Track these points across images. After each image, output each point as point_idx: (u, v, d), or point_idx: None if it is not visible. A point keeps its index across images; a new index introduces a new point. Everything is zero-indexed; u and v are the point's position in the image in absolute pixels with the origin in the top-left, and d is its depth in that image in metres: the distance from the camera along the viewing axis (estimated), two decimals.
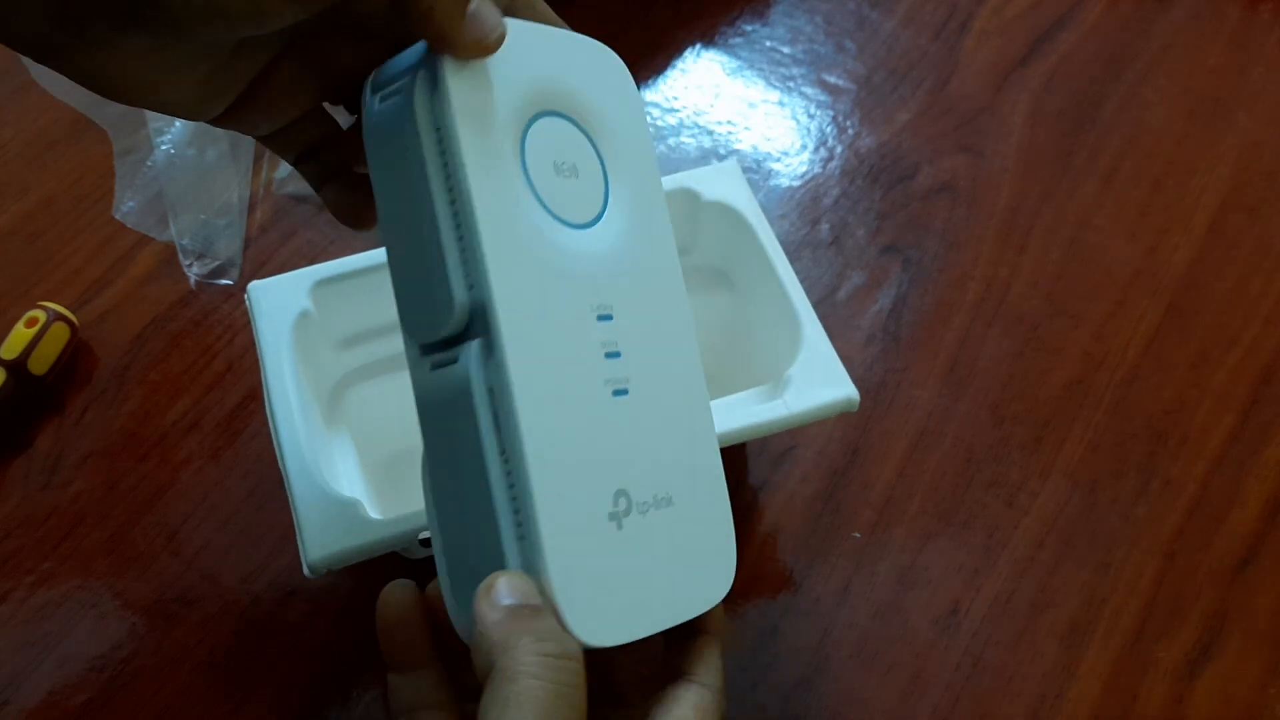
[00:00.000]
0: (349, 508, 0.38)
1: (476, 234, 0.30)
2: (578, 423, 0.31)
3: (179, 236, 0.55)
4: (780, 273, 0.44)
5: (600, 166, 0.33)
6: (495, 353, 0.30)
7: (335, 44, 0.32)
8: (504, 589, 0.29)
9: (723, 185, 0.47)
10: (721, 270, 0.48)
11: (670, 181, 0.47)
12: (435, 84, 0.30)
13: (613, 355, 0.32)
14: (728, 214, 0.46)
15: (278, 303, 0.43)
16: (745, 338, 0.47)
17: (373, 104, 0.31)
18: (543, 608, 0.29)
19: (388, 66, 0.31)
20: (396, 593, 0.33)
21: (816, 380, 0.41)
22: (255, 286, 0.44)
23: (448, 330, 0.30)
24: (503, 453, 0.30)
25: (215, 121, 0.32)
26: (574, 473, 0.30)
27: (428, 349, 0.31)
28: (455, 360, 0.30)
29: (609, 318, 0.32)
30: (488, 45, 0.30)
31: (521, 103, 0.32)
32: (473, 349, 0.30)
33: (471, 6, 0.30)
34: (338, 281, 0.44)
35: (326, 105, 0.34)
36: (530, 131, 0.32)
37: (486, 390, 0.30)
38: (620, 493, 0.31)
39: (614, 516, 0.31)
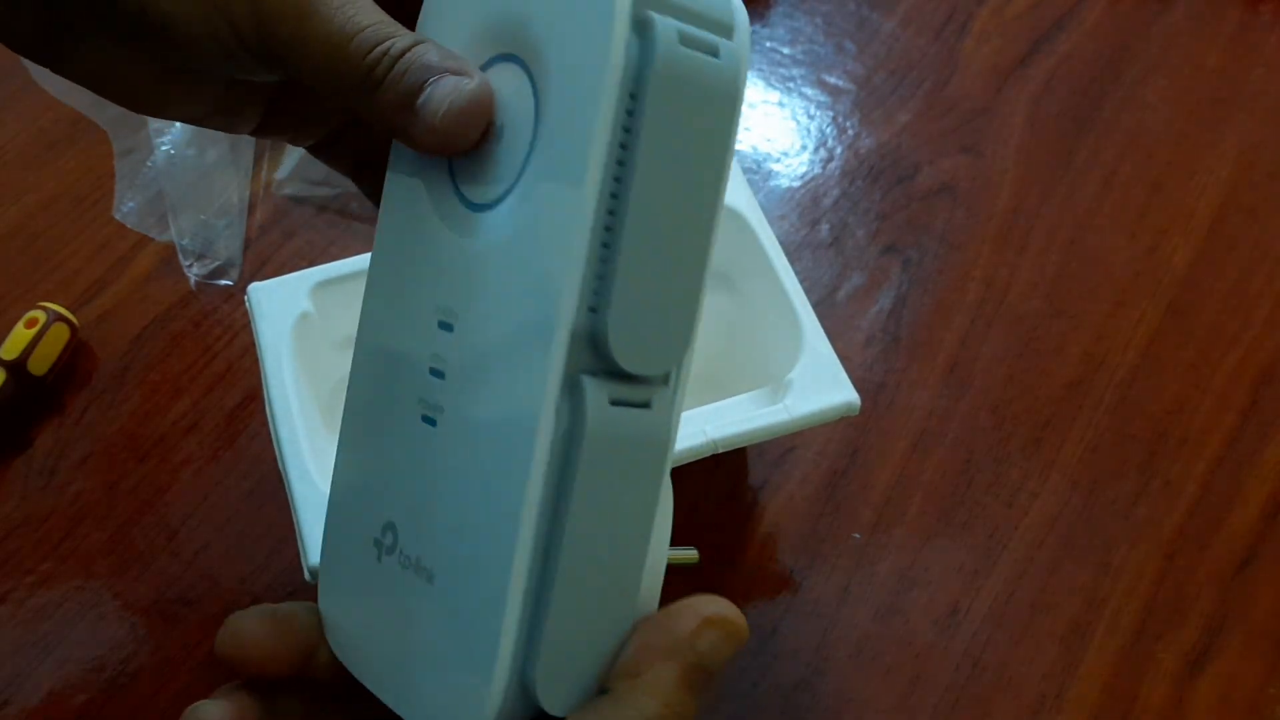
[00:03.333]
0: None
1: None
2: (369, 430, 0.28)
3: (179, 237, 0.55)
4: (781, 275, 0.44)
5: (531, 135, 0.25)
6: None
7: None
8: None
9: None
10: (722, 272, 0.48)
11: None
12: None
13: (436, 374, 0.26)
14: (728, 216, 0.46)
15: (278, 304, 0.43)
16: (745, 340, 0.47)
17: None
18: None
19: None
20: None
21: (817, 385, 0.41)
22: (255, 288, 0.44)
23: None
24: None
25: (253, 133, 0.30)
26: (356, 478, 0.28)
27: None
28: None
29: (449, 327, 0.26)
30: (457, 140, 0.26)
31: (476, 38, 0.26)
32: None
33: (421, 97, 0.25)
34: (338, 283, 0.44)
35: None
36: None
37: None
38: (389, 525, 0.27)
39: (379, 545, 0.27)
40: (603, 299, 0.24)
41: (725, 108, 0.25)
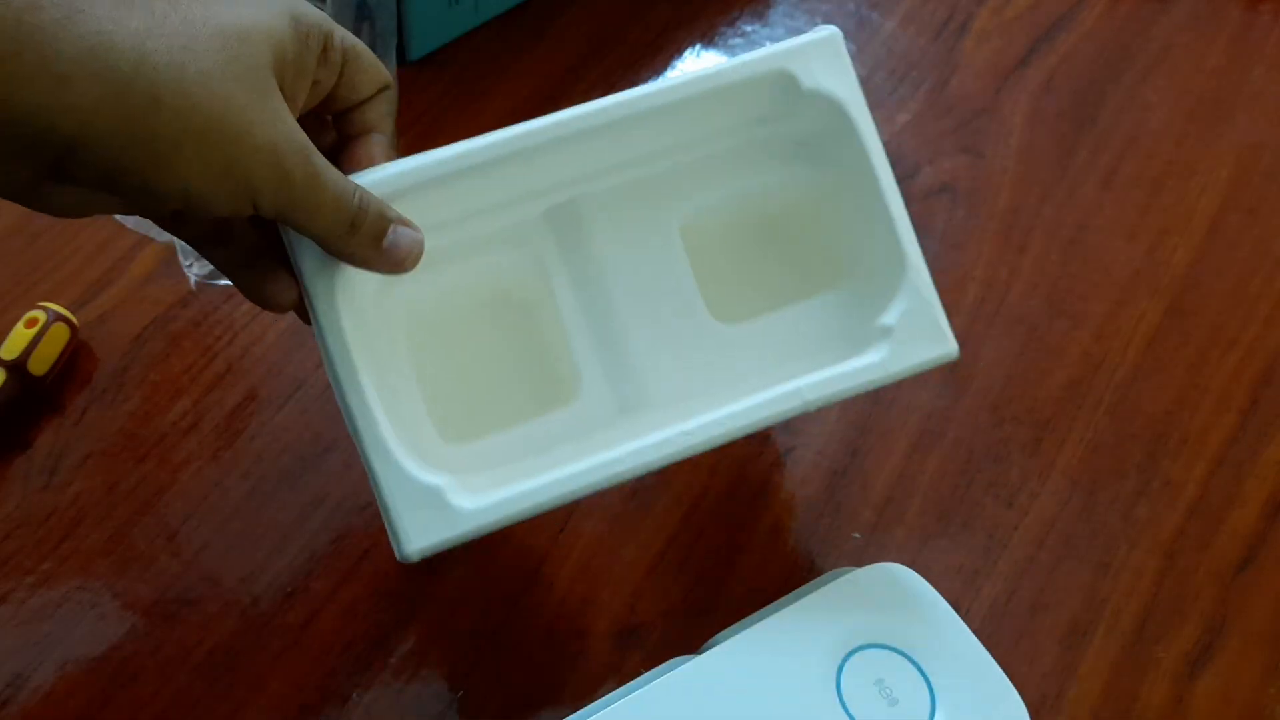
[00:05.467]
0: (436, 493, 0.37)
1: None
2: None
3: None
4: (884, 185, 0.41)
5: (929, 705, 0.38)
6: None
7: None
8: None
9: (823, 68, 0.41)
10: (808, 144, 0.43)
11: (761, 61, 0.41)
12: None
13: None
14: (829, 107, 0.41)
15: None
16: (824, 225, 0.44)
17: None
18: None
19: None
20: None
21: (917, 334, 0.41)
22: None
23: None
24: None
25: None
26: None
27: None
28: None
29: None
30: (405, 267, 0.37)
31: (842, 638, 0.39)
32: None
33: (387, 239, 0.36)
34: (383, 184, 0.38)
35: None
36: (851, 660, 0.39)
37: None
38: None
39: None
40: None
41: None
